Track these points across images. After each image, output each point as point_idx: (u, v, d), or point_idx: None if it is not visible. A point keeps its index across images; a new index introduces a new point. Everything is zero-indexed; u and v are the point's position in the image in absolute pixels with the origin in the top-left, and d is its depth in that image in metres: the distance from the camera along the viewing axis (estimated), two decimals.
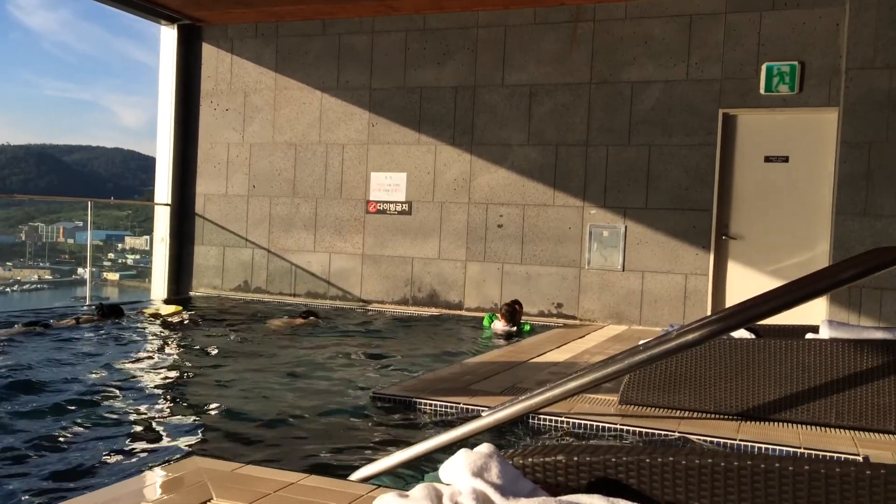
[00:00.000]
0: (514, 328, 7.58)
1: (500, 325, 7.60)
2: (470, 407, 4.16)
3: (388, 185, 9.20)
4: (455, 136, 8.87)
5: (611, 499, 1.61)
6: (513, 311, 7.63)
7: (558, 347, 6.43)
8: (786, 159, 7.72)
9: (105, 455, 3.46)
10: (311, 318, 7.85)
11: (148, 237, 11.34)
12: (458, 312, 8.77)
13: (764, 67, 7.60)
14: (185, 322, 7.78)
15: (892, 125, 6.89)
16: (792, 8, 7.55)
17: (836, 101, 7.32)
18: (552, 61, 8.45)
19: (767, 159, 7.78)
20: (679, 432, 3.72)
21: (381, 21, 9.17)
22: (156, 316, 8.05)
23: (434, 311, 8.86)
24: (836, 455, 3.39)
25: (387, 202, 9.21)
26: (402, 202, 9.14)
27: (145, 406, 4.39)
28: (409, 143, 9.09)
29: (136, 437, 3.76)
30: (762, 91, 7.62)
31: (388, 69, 9.16)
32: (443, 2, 8.49)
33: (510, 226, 8.66)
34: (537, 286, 8.55)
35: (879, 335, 4.02)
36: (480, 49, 8.75)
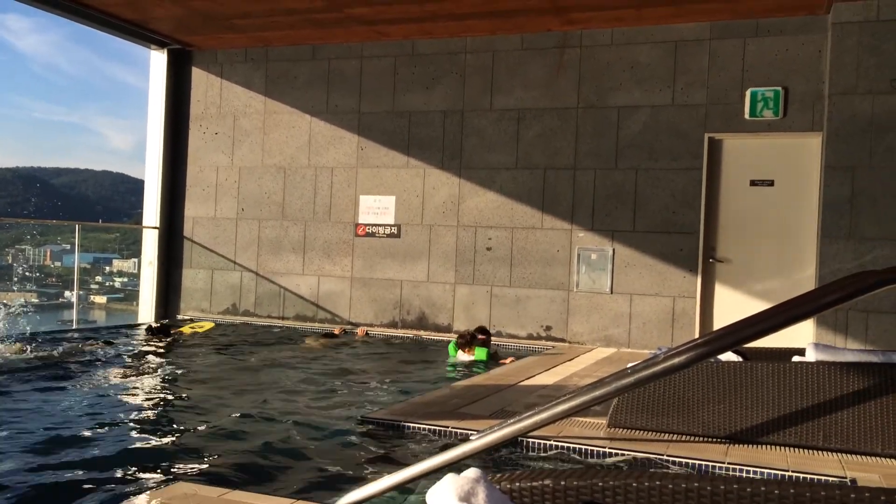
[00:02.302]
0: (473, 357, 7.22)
1: (463, 356, 7.26)
2: (459, 430, 4.15)
3: (376, 209, 9.22)
4: (444, 160, 8.92)
5: None
6: (471, 338, 7.29)
7: (547, 370, 6.43)
8: (771, 183, 7.80)
9: (91, 481, 3.42)
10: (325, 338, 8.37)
11: (136, 260, 11.29)
12: (447, 335, 8.75)
13: (748, 93, 7.71)
14: (206, 335, 8.27)
15: (875, 150, 6.99)
16: (775, 35, 7.67)
17: (819, 126, 7.42)
18: (539, 86, 8.53)
19: (753, 183, 7.86)
20: (668, 455, 3.72)
21: (370, 46, 9.25)
22: (192, 330, 8.65)
23: (423, 333, 8.84)
24: (823, 478, 3.39)
25: (376, 225, 9.22)
26: (390, 225, 9.16)
27: (133, 431, 4.35)
28: (397, 166, 9.12)
29: (123, 463, 3.71)
30: (747, 116, 7.72)
31: (377, 94, 9.22)
32: (431, 28, 8.57)
33: (499, 249, 8.68)
34: (526, 309, 8.55)
35: (866, 358, 4.05)
36: (468, 74, 8.83)
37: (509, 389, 5.48)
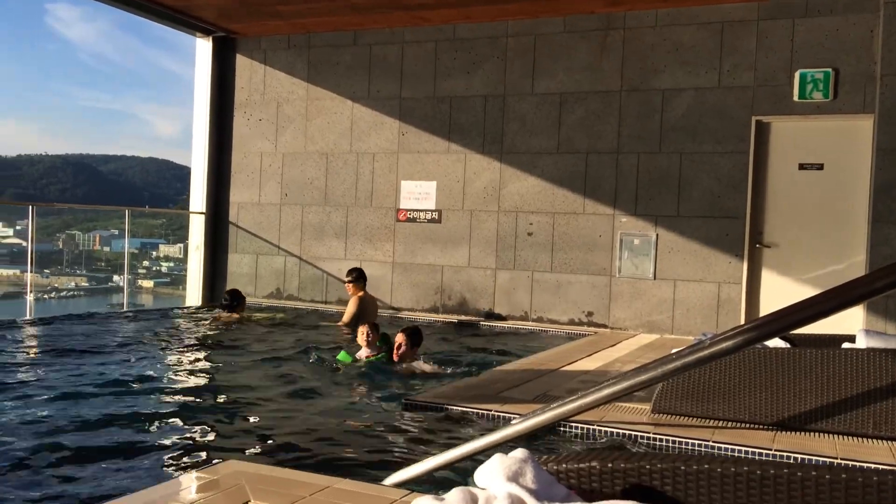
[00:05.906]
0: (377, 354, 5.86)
1: (364, 352, 5.91)
2: (501, 414, 4.17)
3: (418, 194, 9.25)
4: (484, 145, 8.90)
5: None
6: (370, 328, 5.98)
7: (589, 356, 6.41)
8: (820, 167, 7.62)
9: (143, 457, 3.53)
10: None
11: (182, 245, 11.53)
12: (490, 322, 8.75)
13: (797, 74, 7.53)
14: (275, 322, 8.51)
15: None
16: (825, 14, 7.47)
17: (871, 108, 7.21)
18: (582, 69, 8.44)
19: (802, 167, 7.69)
20: (713, 442, 3.69)
21: (412, 31, 9.25)
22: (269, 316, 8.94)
23: (464, 318, 8.86)
24: (873, 466, 3.34)
25: (417, 210, 9.26)
26: (431, 210, 9.18)
27: (187, 409, 4.46)
28: (438, 151, 9.13)
29: (174, 440, 3.82)
30: (796, 98, 7.54)
31: (418, 79, 9.23)
32: (472, 12, 8.53)
33: (540, 234, 8.65)
34: (567, 294, 8.52)
35: None
36: (510, 58, 8.78)
37: (551, 374, 5.48)
